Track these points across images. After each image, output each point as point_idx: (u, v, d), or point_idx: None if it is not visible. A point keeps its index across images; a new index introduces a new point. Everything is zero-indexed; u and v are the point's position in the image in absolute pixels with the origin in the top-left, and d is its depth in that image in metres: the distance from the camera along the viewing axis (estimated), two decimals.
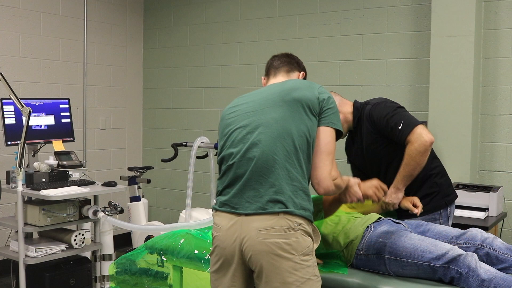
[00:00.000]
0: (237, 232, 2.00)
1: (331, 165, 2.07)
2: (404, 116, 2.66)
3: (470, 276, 2.11)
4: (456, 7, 3.76)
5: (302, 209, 2.00)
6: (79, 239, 3.77)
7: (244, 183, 2.03)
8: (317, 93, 2.11)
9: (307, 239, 2.01)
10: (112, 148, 5.43)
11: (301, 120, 2.05)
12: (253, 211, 1.99)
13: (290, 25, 4.74)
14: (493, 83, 3.87)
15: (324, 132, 2.09)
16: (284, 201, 1.97)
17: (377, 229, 2.42)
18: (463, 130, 3.77)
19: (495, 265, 2.26)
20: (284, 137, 2.02)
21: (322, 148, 2.07)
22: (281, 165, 2.00)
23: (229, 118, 2.18)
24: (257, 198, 1.99)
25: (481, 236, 2.37)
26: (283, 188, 1.98)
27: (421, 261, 2.21)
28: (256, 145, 2.03)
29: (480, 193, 3.53)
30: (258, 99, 2.16)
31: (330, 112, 2.10)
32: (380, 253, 2.31)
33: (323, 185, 2.06)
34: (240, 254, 2.01)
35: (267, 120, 2.07)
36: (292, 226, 1.97)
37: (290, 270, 1.95)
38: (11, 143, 3.77)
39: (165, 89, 5.56)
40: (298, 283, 1.96)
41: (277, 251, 1.95)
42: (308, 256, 2.00)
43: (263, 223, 1.96)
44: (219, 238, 2.06)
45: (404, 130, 2.59)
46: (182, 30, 5.42)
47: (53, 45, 4.87)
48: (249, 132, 2.08)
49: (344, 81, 4.49)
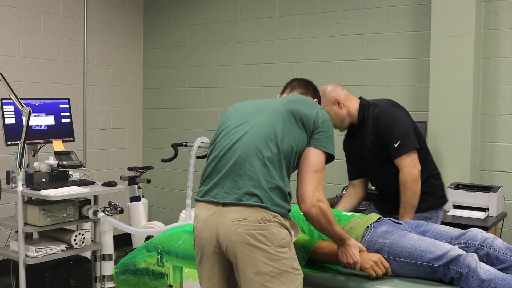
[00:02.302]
0: (215, 223, 2.05)
1: (316, 183, 2.10)
2: (405, 135, 2.73)
3: (470, 276, 2.11)
4: (456, 7, 3.76)
5: (278, 206, 2.04)
6: (79, 239, 3.77)
7: (225, 174, 2.08)
8: (315, 112, 2.18)
9: (283, 231, 2.04)
10: (112, 148, 5.43)
11: (291, 129, 2.12)
12: (230, 201, 2.03)
13: (290, 25, 4.74)
14: (493, 83, 3.87)
15: (314, 153, 2.14)
16: (261, 196, 2.02)
17: (377, 230, 2.42)
18: (463, 130, 3.77)
19: (495, 265, 2.26)
20: (271, 137, 2.09)
21: (310, 166, 2.11)
22: (262, 161, 2.06)
23: (229, 115, 2.27)
24: (236, 190, 2.04)
25: (481, 236, 2.37)
26: (261, 183, 2.02)
27: (421, 261, 2.21)
28: (242, 139, 2.11)
29: (480, 193, 3.53)
30: (260, 105, 2.24)
31: (323, 135, 2.16)
32: (380, 253, 2.30)
33: (305, 201, 2.08)
34: (217, 244, 2.05)
35: (259, 120, 2.14)
36: (267, 218, 2.00)
37: (264, 261, 1.98)
38: (11, 143, 3.77)
39: (165, 89, 5.56)
40: (274, 273, 1.99)
41: (251, 241, 1.98)
42: (284, 248, 2.03)
43: (239, 214, 2.01)
44: (198, 229, 2.12)
45: (398, 150, 2.72)
46: (182, 30, 5.42)
47: (53, 45, 4.87)
48: (240, 128, 2.15)
49: (344, 81, 4.48)
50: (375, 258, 2.25)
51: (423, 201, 2.77)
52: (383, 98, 3.07)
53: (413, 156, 2.72)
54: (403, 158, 2.71)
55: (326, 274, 2.31)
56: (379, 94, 4.31)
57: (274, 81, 4.80)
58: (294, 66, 4.73)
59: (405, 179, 2.70)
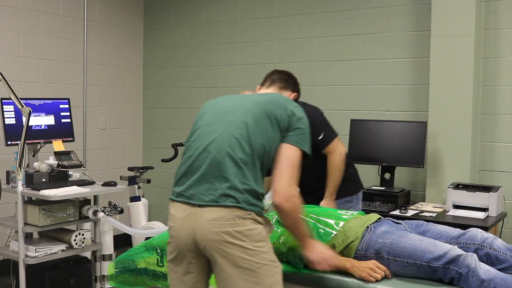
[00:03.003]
0: (191, 223, 2.07)
1: (290, 178, 2.12)
2: (325, 127, 3.04)
3: (470, 277, 2.11)
4: (456, 7, 3.76)
5: (253, 205, 2.07)
6: (79, 239, 3.77)
7: (200, 176, 2.10)
8: (290, 111, 2.18)
9: (258, 226, 2.08)
10: (112, 148, 5.43)
11: (265, 130, 2.13)
12: (206, 203, 2.06)
13: (290, 25, 4.74)
14: (493, 83, 3.87)
15: (288, 149, 2.15)
16: (237, 197, 2.04)
17: (377, 230, 2.41)
18: (463, 130, 3.77)
19: (495, 265, 2.26)
20: (244, 138, 2.10)
21: (284, 161, 2.13)
22: (236, 163, 2.07)
23: (204, 112, 2.29)
24: (211, 191, 2.06)
25: (481, 236, 2.37)
26: (236, 185, 2.05)
27: (421, 262, 2.21)
28: (217, 140, 2.12)
29: (480, 193, 3.53)
30: (235, 104, 2.24)
31: (298, 132, 2.18)
32: (380, 253, 2.31)
33: (279, 194, 2.10)
34: (194, 244, 2.08)
35: (233, 121, 2.15)
36: (242, 216, 2.04)
37: (243, 256, 2.02)
38: (11, 143, 3.77)
39: (165, 89, 5.56)
40: (254, 268, 2.02)
41: (228, 239, 2.01)
42: (261, 243, 2.06)
43: (215, 213, 2.04)
44: (174, 229, 2.14)
45: (323, 141, 3.00)
46: (182, 30, 5.42)
47: (53, 45, 4.87)
48: (214, 129, 2.16)
49: (344, 81, 4.49)
50: (370, 264, 2.25)
51: (341, 187, 3.05)
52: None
53: (337, 140, 3.06)
54: (330, 145, 3.02)
55: (326, 274, 2.31)
56: (379, 94, 4.32)
57: None
58: (294, 66, 4.72)
59: (335, 160, 3.01)
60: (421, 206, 3.77)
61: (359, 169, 4.22)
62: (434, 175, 3.89)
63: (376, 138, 3.98)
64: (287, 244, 2.41)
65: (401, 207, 3.68)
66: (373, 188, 3.94)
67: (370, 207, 3.70)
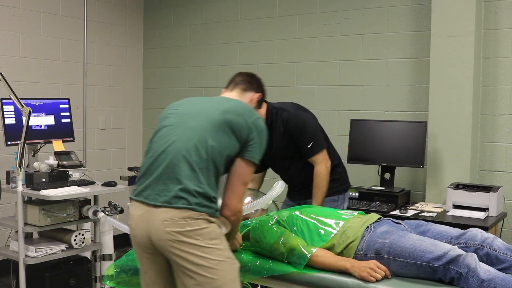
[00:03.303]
0: (146, 222, 2.15)
1: (241, 196, 2.25)
2: (315, 137, 3.09)
3: (470, 277, 2.11)
4: (456, 7, 3.76)
5: (205, 207, 2.14)
6: (79, 239, 3.77)
7: (157, 177, 2.17)
8: (250, 123, 2.24)
9: (211, 225, 2.15)
10: (112, 148, 5.43)
11: (223, 137, 2.19)
12: (160, 204, 2.13)
13: (290, 25, 4.74)
14: (493, 83, 3.87)
15: (245, 166, 2.24)
16: (188, 199, 2.11)
17: (377, 230, 2.41)
18: (463, 130, 3.77)
19: (495, 265, 2.26)
20: (202, 143, 2.17)
21: (240, 179, 2.23)
22: (191, 167, 2.14)
23: (167, 115, 2.35)
24: (166, 192, 2.13)
25: (481, 236, 2.37)
26: (189, 187, 2.12)
27: (421, 262, 2.21)
28: (175, 143, 2.19)
29: (480, 193, 3.53)
30: (198, 109, 2.30)
31: (256, 147, 2.25)
32: (380, 253, 2.30)
33: (230, 209, 2.22)
34: (150, 242, 2.15)
35: (193, 126, 2.22)
36: (194, 217, 2.11)
37: (198, 254, 2.09)
38: (11, 143, 3.77)
39: (165, 89, 5.56)
40: (211, 264, 2.09)
41: (181, 238, 2.08)
42: (216, 240, 2.14)
43: (167, 214, 2.11)
44: (132, 227, 2.23)
45: (311, 150, 3.07)
46: (182, 30, 5.42)
47: (53, 45, 4.87)
48: (174, 132, 2.24)
49: (344, 81, 4.49)
50: (371, 264, 2.26)
51: (330, 187, 3.10)
52: (287, 101, 3.29)
53: (324, 152, 3.10)
54: (317, 156, 3.07)
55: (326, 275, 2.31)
56: (379, 94, 4.31)
57: (274, 81, 4.80)
58: (294, 66, 4.73)
59: (321, 172, 3.06)
60: (421, 206, 3.77)
61: (360, 169, 4.25)
62: (434, 175, 3.89)
63: (376, 138, 3.98)
64: (287, 245, 2.41)
65: (401, 207, 3.68)
66: (373, 188, 3.94)
67: (370, 207, 3.70)
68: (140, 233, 2.18)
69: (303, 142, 3.07)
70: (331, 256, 2.37)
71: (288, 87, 4.76)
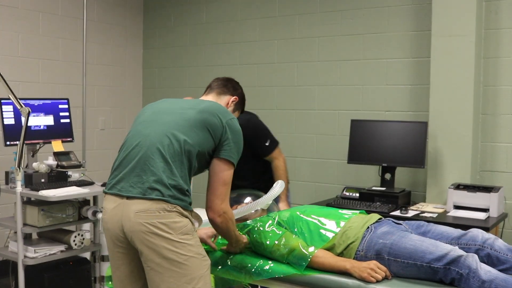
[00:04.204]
0: (119, 214, 2.18)
1: (224, 196, 2.27)
2: (269, 135, 3.36)
3: (470, 277, 2.11)
4: (456, 7, 3.75)
5: (178, 199, 2.17)
6: (78, 239, 3.76)
7: (130, 169, 2.21)
8: (224, 123, 2.29)
9: (184, 219, 2.17)
10: (111, 148, 5.41)
11: (197, 133, 2.23)
12: (134, 195, 2.16)
13: (290, 25, 4.73)
14: (494, 83, 3.86)
15: (223, 166, 2.27)
16: (162, 191, 2.14)
17: (378, 230, 2.41)
18: (464, 131, 3.76)
19: (496, 266, 2.26)
20: (176, 138, 2.21)
21: (220, 179, 2.26)
22: (165, 159, 2.18)
23: (144, 111, 2.42)
24: (140, 184, 2.17)
25: (482, 237, 2.36)
26: (163, 180, 2.15)
27: (422, 262, 2.20)
28: (149, 137, 2.23)
29: (481, 193, 3.52)
30: (174, 107, 2.36)
31: (233, 146, 2.28)
32: (381, 254, 2.30)
33: (214, 210, 2.25)
34: (123, 235, 2.18)
35: (168, 121, 2.27)
36: (167, 209, 2.14)
37: (169, 248, 2.10)
38: (10, 144, 3.76)
39: (165, 89, 5.55)
40: (181, 259, 2.11)
41: (153, 230, 2.11)
42: (187, 235, 2.16)
43: (141, 205, 2.13)
44: (105, 220, 2.26)
45: (269, 147, 3.33)
46: (182, 30, 5.41)
47: (52, 45, 4.86)
48: (148, 126, 2.29)
49: (344, 81, 4.48)
50: (371, 265, 2.25)
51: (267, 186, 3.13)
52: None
53: (279, 148, 3.41)
54: (275, 151, 3.36)
55: (326, 275, 2.31)
56: (379, 94, 4.30)
57: (274, 81, 4.79)
58: (294, 66, 4.72)
59: (281, 165, 3.36)
60: (422, 207, 3.76)
61: (360, 169, 4.24)
62: (434, 176, 3.88)
63: (376, 138, 3.97)
64: (287, 246, 2.41)
65: (402, 208, 3.67)
66: (373, 189, 3.93)
67: (370, 207, 3.69)
68: (113, 226, 2.20)
69: (260, 142, 3.30)
70: (331, 256, 2.36)
71: (288, 87, 4.75)
